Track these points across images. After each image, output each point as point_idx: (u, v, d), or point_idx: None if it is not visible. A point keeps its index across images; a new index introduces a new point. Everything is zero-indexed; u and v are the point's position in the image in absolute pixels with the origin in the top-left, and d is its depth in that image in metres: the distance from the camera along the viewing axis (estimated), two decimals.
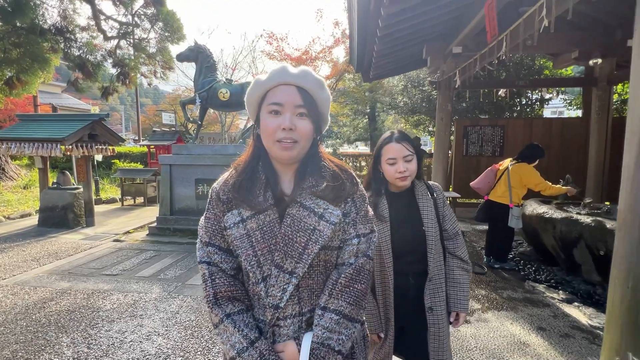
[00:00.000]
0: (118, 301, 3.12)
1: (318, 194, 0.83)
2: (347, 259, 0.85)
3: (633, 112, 1.62)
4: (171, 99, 25.82)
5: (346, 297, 0.82)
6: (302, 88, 0.81)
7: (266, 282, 0.80)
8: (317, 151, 0.89)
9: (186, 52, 5.85)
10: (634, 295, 1.60)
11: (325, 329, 0.80)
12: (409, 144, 1.31)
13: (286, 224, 0.81)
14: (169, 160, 5.92)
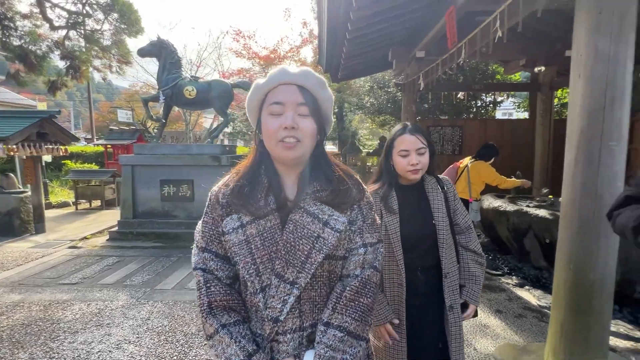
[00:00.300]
0: (80, 311, 2.93)
1: (323, 199, 0.79)
2: (353, 270, 0.81)
3: (572, 116, 1.86)
4: (128, 95, 24.27)
5: (351, 312, 0.77)
6: (303, 87, 0.78)
7: (265, 293, 0.75)
8: (322, 153, 0.85)
9: (148, 47, 5.57)
10: (574, 276, 1.84)
11: (329, 347, 0.74)
12: (423, 136, 1.28)
13: (288, 230, 0.76)
14: (130, 160, 5.61)
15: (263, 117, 0.80)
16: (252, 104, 0.82)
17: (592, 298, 1.77)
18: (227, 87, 5.80)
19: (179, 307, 2.99)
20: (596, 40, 1.68)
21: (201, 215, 3.64)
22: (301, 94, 0.77)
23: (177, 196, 5.62)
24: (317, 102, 0.80)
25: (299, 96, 0.77)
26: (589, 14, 1.73)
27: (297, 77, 0.78)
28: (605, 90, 1.69)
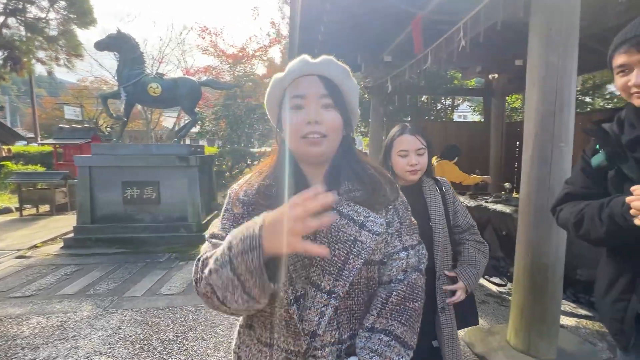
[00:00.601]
0: (39, 325, 2.70)
1: (356, 199, 0.72)
2: (396, 275, 0.75)
3: (528, 120, 2.10)
4: (76, 90, 22.36)
5: (397, 316, 0.71)
6: (325, 77, 0.72)
7: (300, 303, 0.68)
8: (349, 149, 0.78)
9: (107, 40, 5.22)
10: (532, 262, 2.07)
11: (374, 353, 0.67)
12: (422, 137, 1.26)
13: (322, 234, 0.69)
14: (88, 161, 5.22)
15: (284, 112, 0.74)
16: (271, 99, 0.77)
17: (547, 281, 2.01)
18: (195, 85, 5.62)
19: (153, 314, 2.87)
20: (547, 55, 1.92)
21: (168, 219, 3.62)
22: (323, 85, 0.71)
23: (142, 199, 5.33)
24: (341, 93, 0.74)
25: (321, 87, 0.71)
26: (541, 31, 1.97)
27: (318, 66, 0.72)
28: (555, 98, 1.93)
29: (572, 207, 0.99)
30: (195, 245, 4.96)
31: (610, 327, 0.99)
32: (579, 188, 1.03)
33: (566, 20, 1.93)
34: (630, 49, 0.86)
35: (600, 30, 3.87)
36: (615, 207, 0.84)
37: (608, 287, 0.99)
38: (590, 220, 0.90)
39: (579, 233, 0.94)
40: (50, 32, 12.21)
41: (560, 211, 1.04)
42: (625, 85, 0.89)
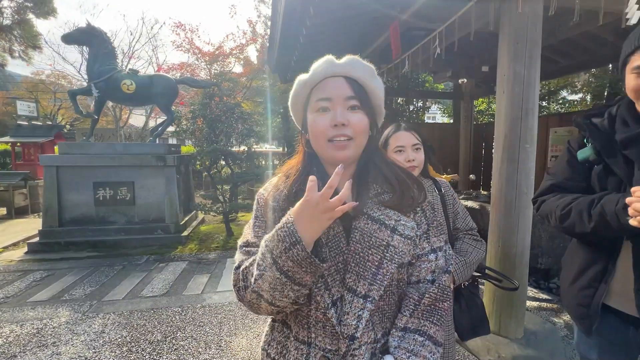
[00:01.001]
0: (13, 333, 2.56)
1: (386, 203, 0.72)
2: (424, 276, 0.76)
3: (498, 123, 2.32)
4: (31, 84, 20.76)
5: (429, 316, 0.73)
6: (351, 78, 0.72)
7: (337, 307, 0.69)
8: (375, 150, 0.78)
9: (76, 33, 4.97)
10: (502, 251, 2.30)
11: (410, 352, 0.70)
12: (418, 134, 1.27)
13: (355, 239, 0.70)
14: (55, 160, 4.94)
15: (309, 115, 0.74)
16: (296, 102, 0.77)
17: (514, 267, 2.24)
18: (171, 83, 5.49)
19: (137, 317, 2.82)
20: (515, 66, 2.14)
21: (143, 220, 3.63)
22: (350, 87, 0.71)
23: (115, 200, 5.13)
24: (367, 94, 0.73)
25: (347, 89, 0.71)
26: (509, 44, 2.19)
27: (344, 67, 0.71)
28: (521, 104, 2.16)
29: (558, 199, 0.99)
30: (174, 246, 4.86)
31: (576, 312, 1.02)
32: (564, 180, 1.03)
33: (530, 35, 2.17)
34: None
35: (555, 42, 4.28)
36: (607, 205, 0.84)
37: (577, 274, 1.01)
38: (578, 215, 0.90)
39: (563, 225, 0.95)
40: (3, 20, 11.31)
41: (542, 202, 1.04)
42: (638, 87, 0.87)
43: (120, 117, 10.71)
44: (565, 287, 1.08)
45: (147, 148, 5.27)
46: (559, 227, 0.98)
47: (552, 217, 0.99)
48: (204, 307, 2.99)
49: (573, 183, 1.01)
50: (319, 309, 0.70)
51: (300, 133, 0.80)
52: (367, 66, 0.74)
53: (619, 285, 0.94)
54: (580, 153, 1.00)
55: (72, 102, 5.11)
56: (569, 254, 1.11)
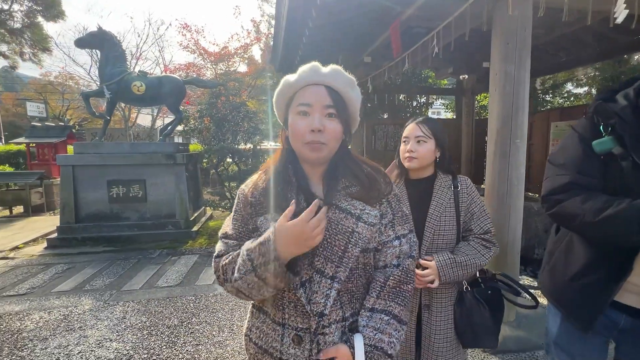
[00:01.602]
0: (42, 319, 2.78)
1: (353, 194, 0.80)
2: (390, 261, 0.83)
3: (491, 120, 2.46)
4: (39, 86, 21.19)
5: (394, 297, 0.80)
6: (331, 88, 0.78)
7: (305, 288, 0.76)
8: (347, 152, 0.86)
9: (88, 37, 5.17)
10: None
11: (377, 330, 0.77)
12: (428, 127, 1.26)
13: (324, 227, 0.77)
14: (71, 160, 5.17)
15: (291, 115, 0.81)
16: (280, 101, 0.83)
17: (506, 255, 2.39)
18: (179, 84, 5.67)
19: (154, 304, 3.03)
20: (506, 66, 2.27)
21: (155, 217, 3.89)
22: (329, 96, 0.78)
23: (128, 197, 5.36)
24: (344, 103, 0.80)
25: (327, 98, 0.77)
26: (501, 44, 2.32)
27: (327, 77, 0.78)
28: (512, 102, 2.30)
29: (583, 202, 0.86)
30: (185, 241, 5.07)
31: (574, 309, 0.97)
32: (583, 176, 0.89)
33: (520, 36, 2.29)
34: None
35: (555, 37, 4.37)
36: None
37: (582, 271, 0.94)
38: (626, 224, 0.78)
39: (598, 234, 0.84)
40: (14, 24, 11.59)
41: (558, 202, 0.91)
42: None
43: (129, 117, 10.97)
44: (560, 283, 1.01)
45: (157, 147, 5.48)
46: (590, 235, 0.87)
47: (575, 221, 0.87)
48: (215, 296, 3.18)
49: (590, 180, 0.88)
50: (290, 290, 0.77)
51: (282, 129, 0.88)
52: (348, 78, 0.81)
53: (632, 282, 0.88)
54: (600, 144, 0.87)
55: (85, 104, 5.33)
56: (564, 247, 1.02)
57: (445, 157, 1.32)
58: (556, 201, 0.92)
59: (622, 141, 0.84)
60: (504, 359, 2.20)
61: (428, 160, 1.28)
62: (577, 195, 0.88)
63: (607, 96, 0.92)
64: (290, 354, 0.78)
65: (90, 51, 10.54)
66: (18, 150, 10.50)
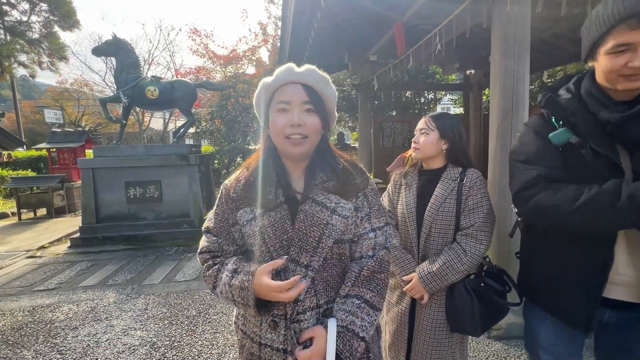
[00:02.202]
0: (71, 311, 2.99)
1: (329, 189, 0.84)
2: (366, 252, 0.87)
3: (492, 114, 2.53)
4: (56, 93, 21.94)
5: (367, 285, 0.84)
6: (308, 85, 0.83)
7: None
8: (326, 147, 0.90)
9: (104, 46, 5.41)
10: (497, 230, 2.51)
11: (348, 313, 0.81)
12: (432, 120, 1.32)
13: (299, 219, 0.82)
14: (91, 163, 5.43)
15: (271, 114, 0.85)
16: (259, 101, 0.88)
17: (509, 245, 2.46)
18: (191, 87, 5.87)
19: (173, 297, 3.20)
20: (505, 61, 2.34)
21: (170, 216, 4.11)
22: (306, 93, 0.82)
23: (144, 198, 5.59)
24: (321, 99, 0.85)
25: (304, 95, 0.82)
26: (500, 40, 2.39)
27: (302, 76, 0.83)
28: (512, 97, 2.37)
29: (555, 194, 0.86)
30: (199, 238, 5.23)
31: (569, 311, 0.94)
32: (548, 169, 0.90)
33: (520, 31, 2.36)
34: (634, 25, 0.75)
35: (560, 30, 4.37)
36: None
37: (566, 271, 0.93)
38: (601, 211, 0.79)
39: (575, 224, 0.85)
40: (32, 35, 12.06)
41: (531, 198, 0.90)
42: (621, 66, 0.79)
43: (142, 121, 11.32)
44: (544, 288, 0.99)
45: (171, 149, 5.69)
46: (568, 225, 0.87)
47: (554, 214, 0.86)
48: None
49: (557, 172, 0.90)
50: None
51: (263, 129, 0.92)
52: (322, 76, 0.86)
53: (618, 274, 0.88)
54: (556, 136, 0.90)
55: (103, 109, 5.58)
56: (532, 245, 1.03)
57: (455, 150, 1.32)
58: (528, 197, 0.91)
59: (577, 130, 0.88)
60: (509, 344, 2.27)
61: (430, 151, 1.32)
62: (547, 188, 0.88)
63: (553, 92, 0.97)
64: (268, 338, 0.83)
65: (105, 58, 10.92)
66: (39, 156, 10.96)
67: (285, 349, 0.81)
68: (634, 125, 0.81)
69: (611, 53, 0.81)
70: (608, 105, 0.85)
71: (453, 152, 1.32)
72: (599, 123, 0.86)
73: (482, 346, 2.26)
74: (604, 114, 0.84)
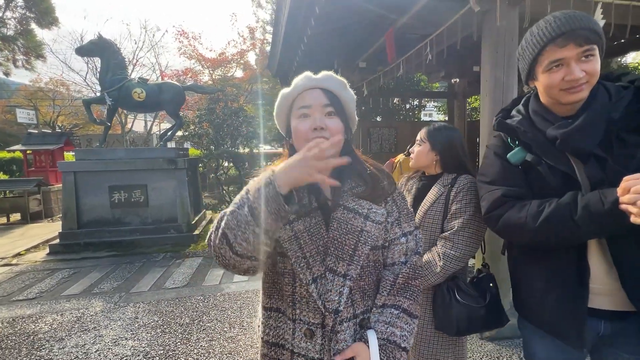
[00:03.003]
0: (56, 321, 2.86)
1: (359, 194, 0.84)
2: (398, 258, 0.87)
3: (483, 122, 2.64)
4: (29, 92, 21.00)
5: (404, 293, 0.84)
6: (326, 89, 0.83)
7: (317, 284, 0.79)
8: (350, 151, 0.88)
9: (89, 45, 5.25)
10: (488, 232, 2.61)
11: (388, 324, 0.80)
12: (425, 133, 1.45)
13: (333, 227, 0.81)
14: (73, 166, 5.23)
15: (292, 122, 0.85)
16: (280, 111, 0.88)
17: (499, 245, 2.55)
18: (179, 90, 5.78)
19: (165, 305, 3.12)
20: (495, 72, 2.46)
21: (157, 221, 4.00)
22: (326, 96, 0.82)
23: (130, 202, 5.42)
24: (340, 102, 0.85)
25: (324, 98, 0.82)
26: (490, 52, 2.51)
27: (320, 81, 0.83)
28: (501, 106, 2.47)
29: (519, 210, 0.89)
30: (187, 244, 5.15)
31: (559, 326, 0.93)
32: (512, 188, 0.95)
33: (508, 45, 2.48)
34: (568, 44, 0.82)
35: None
36: (593, 206, 0.78)
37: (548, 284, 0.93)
38: (561, 224, 0.82)
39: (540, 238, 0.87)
40: (7, 31, 11.57)
41: (499, 217, 0.93)
42: (559, 81, 0.85)
43: (125, 124, 10.99)
44: (534, 302, 0.97)
45: (158, 152, 5.57)
46: (535, 241, 0.89)
47: (521, 231, 0.89)
48: (223, 295, 3.30)
49: (520, 190, 0.94)
50: (302, 285, 0.80)
51: (285, 139, 0.91)
52: (340, 80, 0.86)
53: (597, 283, 0.88)
54: (513, 156, 0.95)
55: (87, 111, 5.40)
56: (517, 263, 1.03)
57: (446, 159, 1.40)
58: (497, 217, 0.94)
59: (531, 149, 0.92)
60: (501, 345, 2.35)
61: (423, 161, 1.42)
62: (513, 207, 0.92)
63: (505, 114, 1.03)
64: (302, 347, 0.80)
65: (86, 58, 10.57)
66: (12, 158, 10.43)
67: (321, 358, 0.79)
68: (579, 139, 0.85)
69: (547, 70, 0.87)
70: (554, 122, 0.90)
71: (444, 162, 1.41)
72: (549, 139, 0.89)
73: (476, 347, 2.33)
74: (551, 131, 0.89)
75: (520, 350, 2.30)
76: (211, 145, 5.82)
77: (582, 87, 0.86)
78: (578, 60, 0.84)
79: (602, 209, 0.76)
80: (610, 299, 0.89)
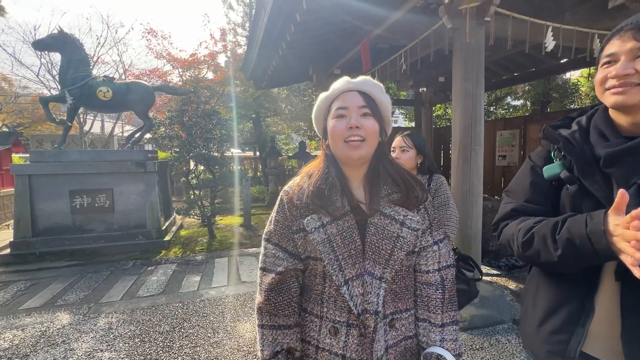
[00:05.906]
0: (17, 337, 2.63)
1: (395, 201, 0.86)
2: (432, 266, 0.90)
3: (454, 130, 2.86)
4: None
5: (451, 307, 0.90)
6: (364, 92, 0.86)
7: (349, 286, 0.81)
8: (384, 154, 0.91)
9: (48, 39, 4.88)
10: (461, 232, 2.83)
11: (453, 341, 0.87)
12: (410, 139, 1.58)
13: (370, 232, 0.83)
14: (27, 169, 4.81)
15: (329, 122, 0.88)
16: (319, 113, 0.91)
17: (471, 245, 2.79)
18: (148, 90, 5.55)
19: (140, 314, 2.99)
20: (465, 85, 2.69)
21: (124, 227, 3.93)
22: (362, 98, 0.85)
23: (93, 207, 5.10)
24: (377, 105, 0.88)
25: (360, 99, 0.85)
26: (461, 66, 2.74)
27: (358, 84, 0.87)
28: (471, 115, 2.72)
29: (519, 223, 0.86)
30: (158, 250, 4.93)
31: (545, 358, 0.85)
32: (526, 204, 0.89)
33: (476, 59, 2.73)
34: (624, 35, 0.73)
35: (498, 58, 5.06)
36: (574, 228, 0.70)
37: (546, 314, 0.85)
38: (542, 241, 0.76)
39: (527, 254, 0.81)
40: None
41: (504, 227, 0.91)
42: (603, 79, 0.76)
43: (85, 123, 10.21)
44: (530, 330, 0.90)
45: (125, 155, 5.29)
46: (522, 255, 0.83)
47: (513, 244, 0.86)
48: (203, 301, 3.22)
49: (536, 207, 0.87)
50: (332, 286, 0.84)
51: (322, 140, 0.95)
52: (377, 84, 0.89)
53: (599, 328, 0.78)
54: (548, 170, 0.86)
55: (44, 109, 5.00)
56: (531, 286, 0.95)
57: (426, 162, 1.62)
58: (502, 228, 0.93)
59: (571, 165, 0.82)
60: (473, 334, 2.56)
61: (410, 165, 1.59)
62: (515, 220, 0.88)
63: (565, 122, 0.91)
64: (327, 343, 0.85)
65: (39, 53, 9.73)
66: None
67: (344, 354, 0.83)
68: (626, 162, 0.72)
69: (602, 65, 0.78)
70: (610, 139, 0.77)
71: (424, 165, 1.60)
72: (596, 158, 0.78)
73: None
74: (599, 149, 0.77)
75: (490, 337, 2.52)
76: (182, 148, 5.64)
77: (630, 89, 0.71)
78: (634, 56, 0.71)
79: (582, 231, 0.68)
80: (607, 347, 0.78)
